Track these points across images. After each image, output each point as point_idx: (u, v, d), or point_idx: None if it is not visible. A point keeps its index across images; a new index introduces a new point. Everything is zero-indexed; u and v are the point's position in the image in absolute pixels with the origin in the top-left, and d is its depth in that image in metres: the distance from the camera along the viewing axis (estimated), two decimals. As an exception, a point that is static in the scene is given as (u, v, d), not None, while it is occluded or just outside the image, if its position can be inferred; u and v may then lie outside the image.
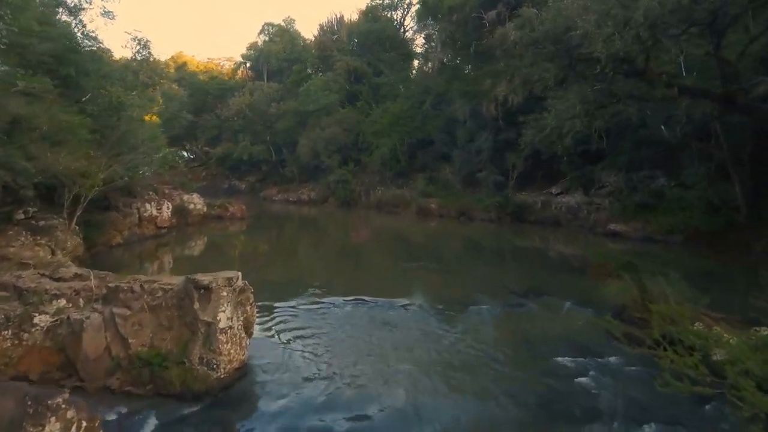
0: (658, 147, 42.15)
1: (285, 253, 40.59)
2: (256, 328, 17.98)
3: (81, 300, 15.67)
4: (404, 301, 23.85)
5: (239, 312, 15.62)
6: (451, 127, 61.57)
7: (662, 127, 38.73)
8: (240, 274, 15.91)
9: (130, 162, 34.33)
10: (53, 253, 27.30)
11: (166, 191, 46.65)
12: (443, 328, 20.17)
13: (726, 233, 36.45)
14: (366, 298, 24.01)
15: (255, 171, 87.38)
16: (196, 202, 48.69)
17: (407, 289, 27.72)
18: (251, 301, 16.78)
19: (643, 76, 30.99)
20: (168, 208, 43.08)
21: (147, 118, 78.56)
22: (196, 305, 14.65)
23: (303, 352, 17.39)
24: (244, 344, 15.58)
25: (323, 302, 23.51)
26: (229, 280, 15.11)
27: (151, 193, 42.66)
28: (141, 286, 15.49)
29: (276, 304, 22.77)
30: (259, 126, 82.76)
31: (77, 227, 31.18)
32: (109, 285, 15.79)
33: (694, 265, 32.30)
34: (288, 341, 18.42)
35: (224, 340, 14.65)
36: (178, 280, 15.65)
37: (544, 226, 49.43)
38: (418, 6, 74.45)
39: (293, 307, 22.69)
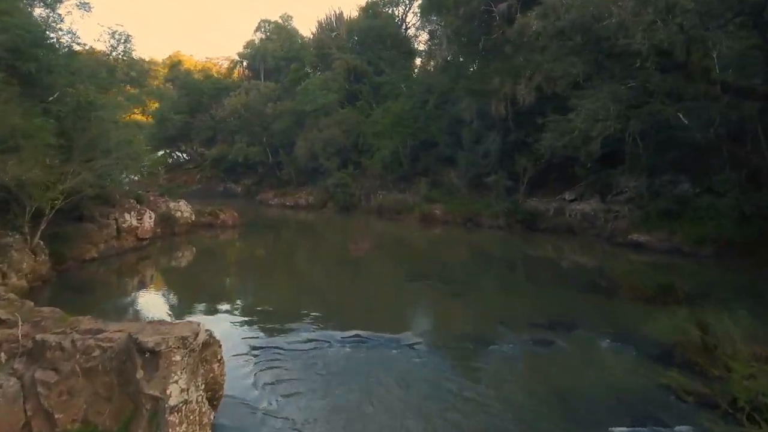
0: (683, 150, 38.94)
1: (275, 269, 37.36)
2: (229, 382, 14.21)
3: (3, 355, 12.20)
4: (411, 337, 20.36)
5: (200, 379, 11.93)
6: (456, 128, 58.56)
7: (693, 128, 35.46)
8: (201, 326, 12.22)
9: (102, 169, 31.33)
10: (5, 276, 24.07)
11: (152, 198, 43.89)
12: (460, 381, 16.54)
13: (761, 245, 33.44)
14: (367, 334, 20.38)
15: (251, 173, 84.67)
16: (183, 209, 45.67)
17: (413, 318, 24.84)
18: (219, 357, 13.15)
19: (684, 70, 27.90)
20: (150, 217, 39.85)
21: (143, 118, 77.77)
22: (140, 374, 10.99)
23: (287, 420, 13.69)
24: (205, 421, 11.81)
25: (316, 340, 19.89)
26: (184, 340, 11.36)
27: (132, 201, 39.48)
28: (73, 342, 11.80)
29: (258, 344, 19.38)
30: (256, 127, 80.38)
31: (42, 243, 28.00)
32: (37, 338, 12.21)
33: (734, 282, 29.30)
34: (268, 406, 14.57)
35: (177, 421, 10.90)
36: (121, 336, 11.92)
37: (558, 234, 46.26)
38: (421, 0, 71.37)
39: (279, 348, 19.02)
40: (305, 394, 15.30)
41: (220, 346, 13.25)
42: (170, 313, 24.32)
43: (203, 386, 12.08)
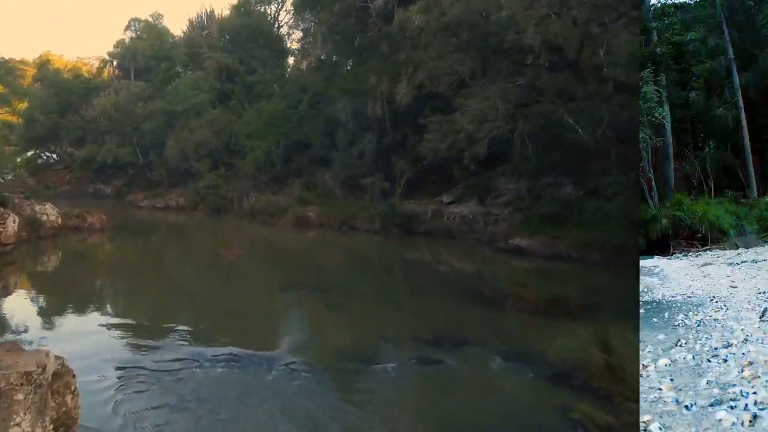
0: (569, 151, 38.49)
1: (143, 275, 36.03)
2: (87, 410, 11.79)
3: None
4: (287, 355, 18.99)
5: (48, 416, 9.98)
6: (332, 128, 58.12)
7: (582, 129, 35.11)
8: (51, 356, 10.23)
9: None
10: None
11: (17, 201, 41.71)
12: (343, 407, 15.25)
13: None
14: (240, 352, 18.77)
15: (121, 174, 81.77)
16: (49, 212, 43.28)
17: (289, 332, 24.01)
18: (73, 389, 11.18)
19: (575, 68, 27.55)
20: (14, 221, 37.51)
21: (13, 119, 76.11)
22: (-26, 415, 9.19)
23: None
24: (54, 466, 10.02)
25: (184, 358, 18.13)
26: (29, 376, 9.46)
27: (-8, 205, 37.10)
28: None
29: (121, 364, 17.42)
30: (126, 127, 78.41)
31: None
32: None
33: (625, 288, 28.36)
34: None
35: (20, 469, 9.13)
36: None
37: (436, 238, 46.08)
38: (295, -4, 72.03)
39: (144, 368, 17.11)
40: (172, 424, 13.64)
41: (73, 376, 11.24)
42: (29, 326, 22.32)
43: (52, 425, 10.37)
